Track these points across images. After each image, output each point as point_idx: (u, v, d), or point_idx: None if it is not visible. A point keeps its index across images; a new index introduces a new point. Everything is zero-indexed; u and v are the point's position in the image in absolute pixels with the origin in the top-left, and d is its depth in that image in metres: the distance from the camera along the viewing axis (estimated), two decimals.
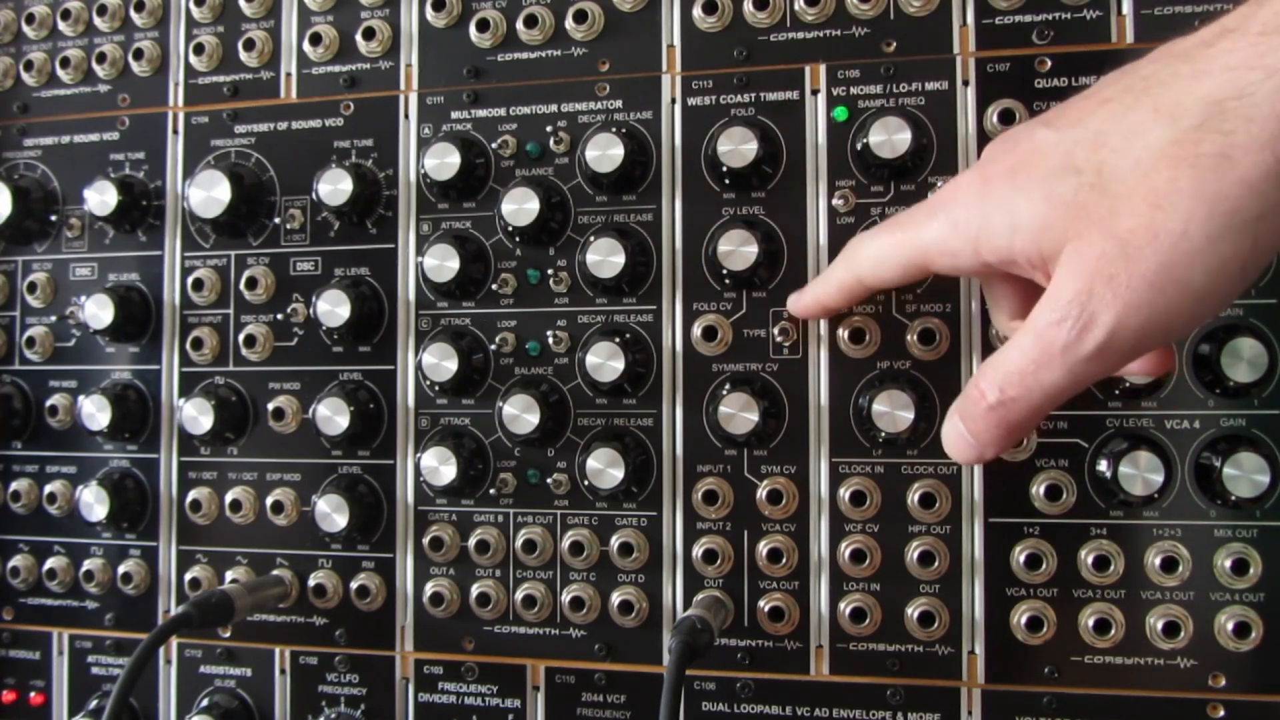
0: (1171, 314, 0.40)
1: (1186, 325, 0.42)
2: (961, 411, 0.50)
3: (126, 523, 0.79)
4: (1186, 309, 0.40)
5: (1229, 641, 0.63)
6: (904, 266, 0.54)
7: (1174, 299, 0.40)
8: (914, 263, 0.53)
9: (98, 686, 0.80)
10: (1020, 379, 0.45)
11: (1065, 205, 0.42)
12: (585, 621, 0.71)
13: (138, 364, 0.80)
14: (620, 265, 0.68)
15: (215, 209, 0.75)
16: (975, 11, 0.67)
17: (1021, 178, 0.45)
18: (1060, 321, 0.42)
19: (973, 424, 0.49)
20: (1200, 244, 0.39)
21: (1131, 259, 0.40)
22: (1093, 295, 0.41)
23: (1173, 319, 0.41)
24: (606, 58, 0.73)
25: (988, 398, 0.47)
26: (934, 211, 0.51)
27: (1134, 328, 0.41)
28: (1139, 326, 0.41)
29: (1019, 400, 0.46)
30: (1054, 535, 0.65)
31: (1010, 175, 0.46)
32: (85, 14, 0.82)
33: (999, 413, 0.47)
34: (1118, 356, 0.42)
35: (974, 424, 0.48)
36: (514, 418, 0.69)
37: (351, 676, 0.76)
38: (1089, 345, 0.42)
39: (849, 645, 0.68)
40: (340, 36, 0.77)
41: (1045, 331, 0.43)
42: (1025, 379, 0.45)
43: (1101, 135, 0.42)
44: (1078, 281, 0.42)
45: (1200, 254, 0.39)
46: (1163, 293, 0.40)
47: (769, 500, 0.68)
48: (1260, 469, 0.60)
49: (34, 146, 0.83)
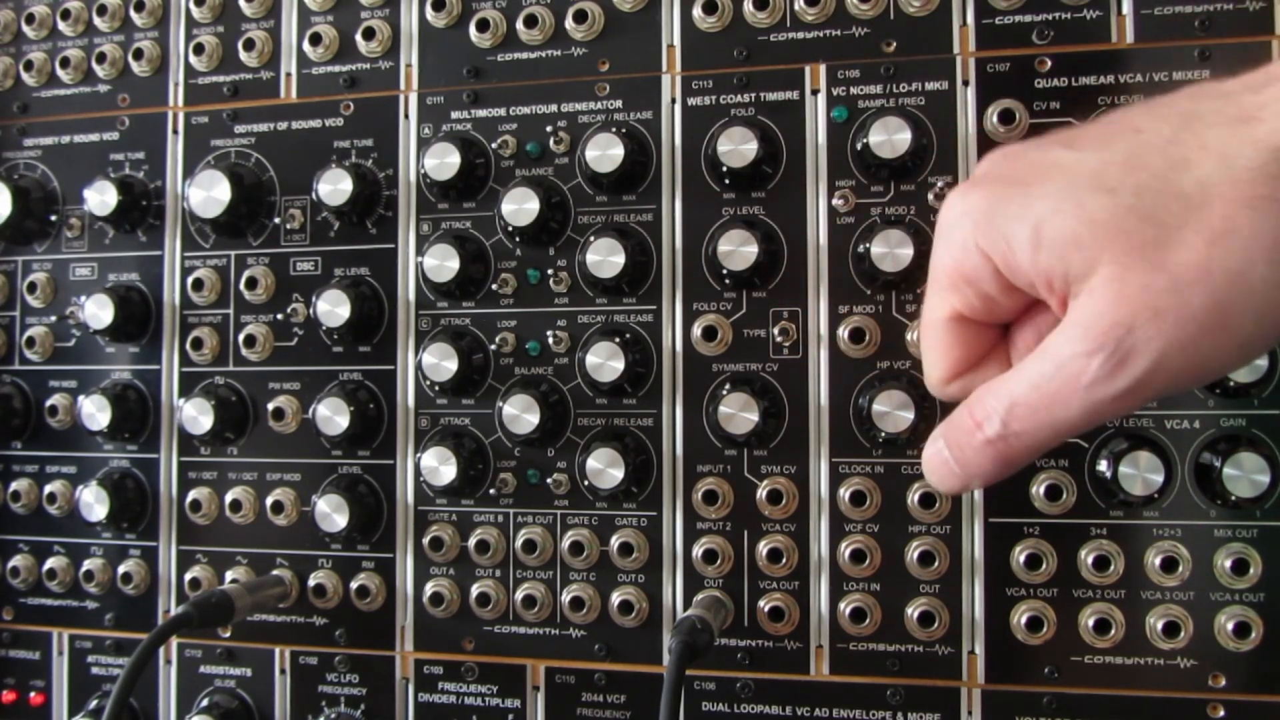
0: (1211, 358, 0.38)
1: (1222, 370, 0.39)
2: (950, 438, 0.45)
3: (126, 523, 0.79)
4: (1229, 354, 0.38)
5: (1229, 641, 0.63)
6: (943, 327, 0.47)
7: (1221, 342, 0.37)
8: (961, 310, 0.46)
9: (98, 686, 0.80)
10: (1030, 413, 0.41)
11: (1100, 224, 0.38)
12: (585, 621, 0.71)
13: (138, 364, 0.80)
14: (620, 265, 0.68)
15: (215, 209, 0.75)
16: (975, 11, 0.67)
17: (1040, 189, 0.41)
18: (1092, 353, 0.38)
19: (962, 453, 0.44)
20: (1257, 287, 0.36)
21: (1183, 295, 0.37)
22: (1134, 329, 0.37)
23: (1211, 362, 0.38)
24: (606, 58, 0.73)
25: (986, 430, 0.42)
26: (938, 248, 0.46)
27: (1172, 370, 0.38)
28: (1178, 369, 0.38)
29: (1023, 436, 0.41)
30: (1054, 535, 0.65)
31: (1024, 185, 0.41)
32: (85, 14, 0.82)
33: (998, 447, 0.42)
34: (1144, 398, 0.39)
35: (964, 453, 0.44)
36: (514, 418, 0.69)
37: (351, 676, 0.76)
38: (1121, 383, 0.38)
39: (849, 645, 0.68)
40: (340, 36, 0.77)
41: (1070, 363, 0.39)
42: (1036, 413, 0.40)
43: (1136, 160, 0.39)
44: (1118, 312, 0.37)
45: (1255, 297, 0.36)
46: (1210, 334, 0.37)
47: (769, 500, 0.68)
48: (1260, 469, 0.60)
49: (34, 146, 0.83)
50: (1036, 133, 0.65)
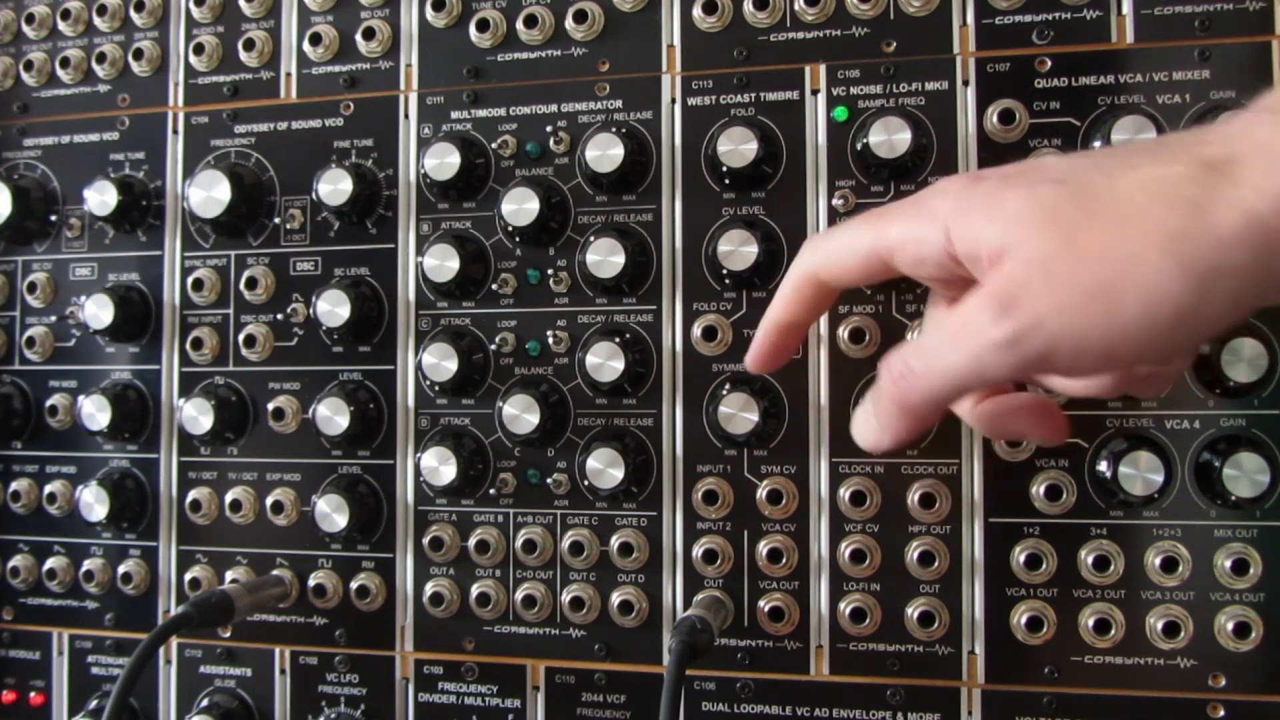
0: (1092, 331, 0.40)
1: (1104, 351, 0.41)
2: (872, 391, 0.49)
3: (126, 523, 0.79)
4: (1108, 334, 0.40)
5: (1229, 641, 0.63)
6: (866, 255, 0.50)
7: (1100, 317, 0.40)
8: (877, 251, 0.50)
9: (98, 686, 0.80)
10: (924, 353, 0.45)
11: (1041, 207, 0.42)
12: (585, 621, 0.71)
13: (138, 364, 0.80)
14: (620, 265, 0.68)
15: (215, 209, 0.75)
16: (975, 11, 0.67)
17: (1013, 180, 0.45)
18: (983, 301, 0.42)
19: (877, 405, 0.48)
20: (1146, 274, 0.39)
21: (1076, 264, 0.40)
22: (1025, 284, 0.41)
23: (1092, 337, 0.40)
24: (606, 58, 0.73)
25: (892, 369, 0.46)
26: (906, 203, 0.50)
27: (1051, 329, 0.40)
28: (1056, 330, 0.40)
29: (918, 376, 0.45)
30: (1054, 535, 0.65)
31: (1004, 178, 0.45)
32: (85, 14, 0.82)
33: (899, 387, 0.46)
34: (1025, 357, 0.41)
35: (878, 405, 0.48)
36: (514, 418, 0.69)
37: (351, 676, 0.76)
38: (1001, 331, 0.41)
39: (849, 645, 0.68)
40: (340, 36, 0.77)
41: (965, 309, 0.43)
42: (929, 354, 0.45)
43: (1100, 166, 0.43)
44: (1017, 270, 0.41)
45: (1141, 283, 0.39)
46: (1092, 304, 0.40)
47: (769, 500, 0.68)
48: (1260, 469, 0.60)
49: (34, 146, 0.83)
50: (1036, 133, 0.66)
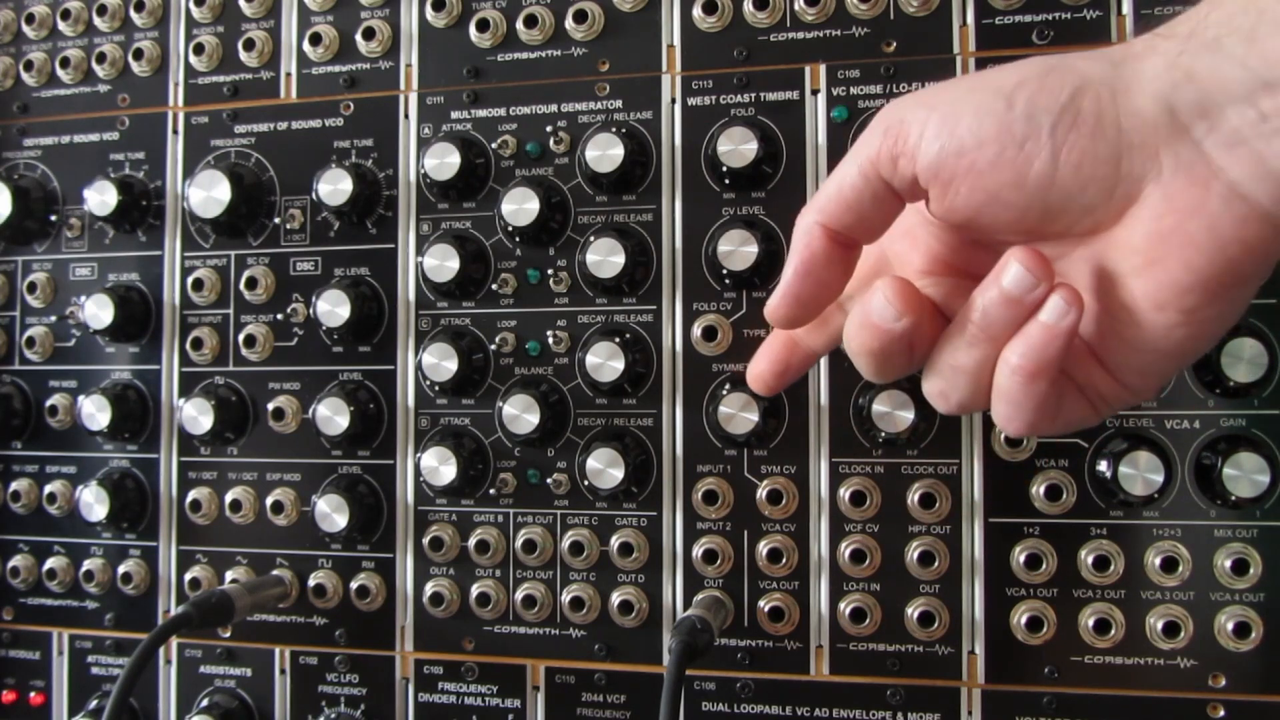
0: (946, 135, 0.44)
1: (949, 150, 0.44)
2: None
3: (126, 523, 0.79)
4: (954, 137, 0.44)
5: (1229, 641, 0.63)
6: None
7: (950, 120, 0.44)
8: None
9: (98, 686, 0.80)
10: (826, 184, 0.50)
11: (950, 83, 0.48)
12: (585, 621, 0.71)
13: (138, 364, 0.80)
14: (620, 265, 0.68)
15: (215, 209, 0.75)
16: (975, 11, 0.67)
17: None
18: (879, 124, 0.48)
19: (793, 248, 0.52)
20: (986, 94, 0.44)
21: (952, 85, 0.47)
22: (909, 98, 0.48)
23: (947, 143, 0.44)
24: (606, 58, 0.73)
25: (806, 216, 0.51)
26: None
27: (915, 121, 0.45)
28: (918, 126, 0.45)
29: (819, 196, 0.50)
30: (1054, 535, 0.65)
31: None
32: (85, 14, 0.82)
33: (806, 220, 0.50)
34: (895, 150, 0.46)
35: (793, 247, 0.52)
36: (514, 418, 0.69)
37: (351, 676, 0.76)
38: (877, 121, 0.47)
39: (849, 645, 0.68)
40: (340, 36, 0.77)
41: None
42: (829, 182, 0.50)
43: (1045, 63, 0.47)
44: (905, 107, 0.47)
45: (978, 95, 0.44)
46: (950, 111, 0.45)
47: (769, 500, 0.68)
48: (1260, 469, 0.60)
49: (34, 146, 0.83)
50: None
